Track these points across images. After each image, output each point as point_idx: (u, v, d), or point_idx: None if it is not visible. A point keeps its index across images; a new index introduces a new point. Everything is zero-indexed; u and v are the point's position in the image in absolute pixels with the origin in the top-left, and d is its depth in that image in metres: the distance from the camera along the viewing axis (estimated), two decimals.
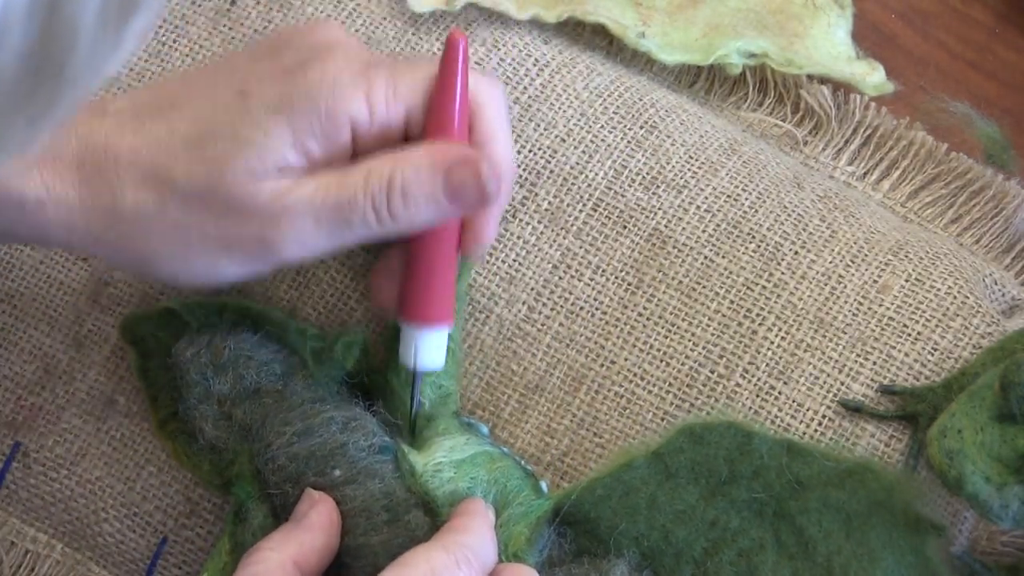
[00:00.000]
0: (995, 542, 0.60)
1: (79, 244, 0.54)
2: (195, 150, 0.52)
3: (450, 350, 0.57)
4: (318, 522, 0.53)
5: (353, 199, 0.53)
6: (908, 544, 0.55)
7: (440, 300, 0.56)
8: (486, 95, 0.56)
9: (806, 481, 0.56)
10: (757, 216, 0.63)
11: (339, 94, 0.53)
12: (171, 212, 0.52)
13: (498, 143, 0.56)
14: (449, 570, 0.50)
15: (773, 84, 0.69)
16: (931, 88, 0.71)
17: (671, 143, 0.64)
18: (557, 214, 0.63)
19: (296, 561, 0.52)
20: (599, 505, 0.56)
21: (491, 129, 0.56)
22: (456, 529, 0.53)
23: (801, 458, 0.56)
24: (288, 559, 0.51)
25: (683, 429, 0.57)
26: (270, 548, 0.52)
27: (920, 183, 0.68)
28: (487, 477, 0.55)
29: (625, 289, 0.62)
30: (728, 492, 0.56)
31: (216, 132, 0.52)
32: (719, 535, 0.55)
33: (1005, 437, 0.53)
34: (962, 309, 0.61)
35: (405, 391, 0.57)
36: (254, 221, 0.52)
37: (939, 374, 0.60)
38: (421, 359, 0.56)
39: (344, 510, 0.54)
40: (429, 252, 0.56)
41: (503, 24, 0.66)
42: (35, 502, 0.61)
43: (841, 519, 0.55)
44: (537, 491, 0.57)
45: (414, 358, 0.56)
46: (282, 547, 0.52)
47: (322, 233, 0.53)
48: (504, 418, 0.60)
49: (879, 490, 0.56)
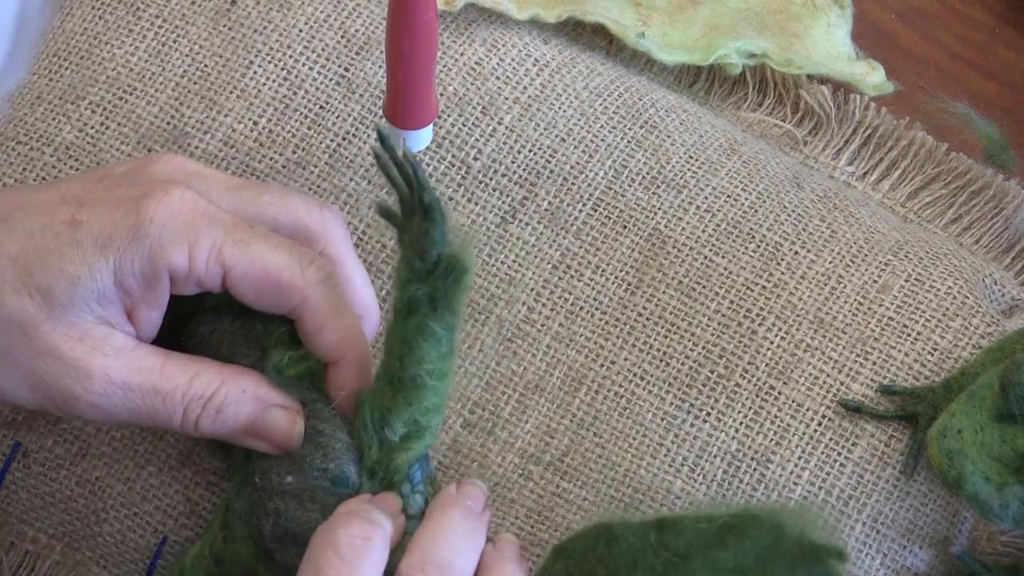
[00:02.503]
0: (995, 542, 0.60)
1: None
2: (23, 275, 0.52)
3: (435, 389, 0.54)
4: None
5: (168, 396, 0.53)
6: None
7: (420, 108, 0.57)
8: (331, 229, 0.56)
9: (685, 551, 0.53)
10: (757, 216, 0.63)
11: (164, 240, 0.52)
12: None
13: (355, 280, 0.56)
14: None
15: (773, 84, 0.69)
16: (931, 88, 0.71)
17: (671, 143, 0.64)
18: (557, 214, 0.63)
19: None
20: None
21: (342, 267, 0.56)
22: (420, 540, 0.52)
23: (673, 530, 0.54)
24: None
25: (554, 550, 0.56)
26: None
27: (920, 183, 0.68)
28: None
29: (625, 289, 0.62)
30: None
31: (44, 261, 0.52)
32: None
33: (1005, 437, 0.53)
34: (962, 309, 0.61)
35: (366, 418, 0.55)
36: (68, 373, 0.52)
37: (939, 374, 0.60)
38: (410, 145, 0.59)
39: (283, 524, 0.53)
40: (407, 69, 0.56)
41: (503, 24, 0.66)
42: (35, 502, 0.61)
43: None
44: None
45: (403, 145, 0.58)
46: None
47: (124, 409, 0.53)
48: (504, 418, 0.60)
49: (765, 535, 0.53)
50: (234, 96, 0.64)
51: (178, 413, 0.53)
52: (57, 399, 0.53)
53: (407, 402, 0.53)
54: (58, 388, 0.53)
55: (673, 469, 0.59)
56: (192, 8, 0.66)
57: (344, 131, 0.64)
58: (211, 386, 0.54)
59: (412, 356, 0.52)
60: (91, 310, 0.53)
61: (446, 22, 0.65)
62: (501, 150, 0.64)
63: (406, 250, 0.52)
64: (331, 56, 0.65)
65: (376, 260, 0.62)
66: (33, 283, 0.52)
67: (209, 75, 0.65)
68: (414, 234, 0.52)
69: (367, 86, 0.64)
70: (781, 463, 0.59)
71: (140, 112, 0.64)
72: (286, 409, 0.54)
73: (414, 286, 0.52)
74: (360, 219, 0.63)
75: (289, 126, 0.64)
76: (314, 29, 0.65)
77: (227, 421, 0.54)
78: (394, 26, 0.54)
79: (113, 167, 0.56)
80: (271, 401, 0.54)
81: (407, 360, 0.52)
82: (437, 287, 0.52)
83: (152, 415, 0.54)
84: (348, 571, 0.49)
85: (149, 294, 0.53)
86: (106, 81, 0.64)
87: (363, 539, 0.50)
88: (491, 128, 0.64)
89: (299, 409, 0.54)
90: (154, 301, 0.54)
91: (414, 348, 0.52)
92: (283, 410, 0.54)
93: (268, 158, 0.63)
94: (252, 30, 0.65)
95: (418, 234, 0.51)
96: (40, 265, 0.52)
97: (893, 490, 0.59)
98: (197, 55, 0.65)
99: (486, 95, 0.64)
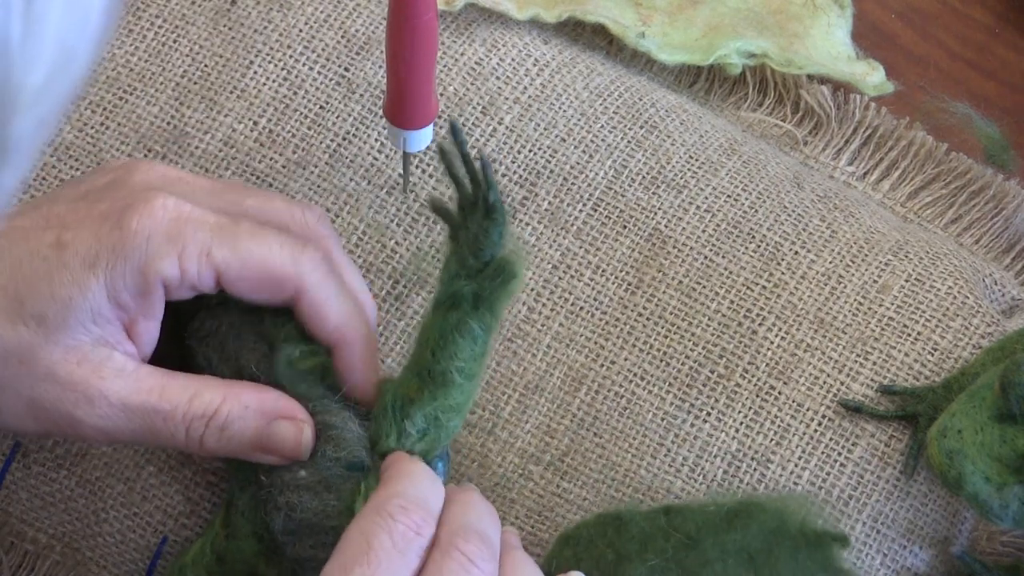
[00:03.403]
0: (995, 542, 0.60)
1: None
2: (15, 304, 0.52)
3: (462, 388, 0.54)
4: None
5: (169, 415, 0.53)
6: (816, 562, 0.54)
7: (420, 108, 0.58)
8: (316, 230, 0.56)
9: (696, 535, 0.54)
10: (757, 216, 0.63)
11: (152, 252, 0.52)
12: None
13: (346, 277, 0.56)
14: (384, 528, 0.48)
15: (773, 84, 0.69)
16: (931, 88, 0.71)
17: (671, 143, 0.64)
18: (557, 214, 0.63)
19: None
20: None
21: (333, 265, 0.56)
22: (383, 485, 0.51)
23: (681, 515, 0.55)
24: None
25: (560, 539, 0.56)
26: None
27: (920, 183, 0.68)
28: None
29: (625, 289, 0.62)
30: (622, 569, 0.54)
31: (35, 288, 0.52)
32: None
33: (1005, 437, 0.53)
34: (962, 309, 0.61)
35: (385, 411, 0.55)
36: (68, 397, 0.52)
37: (939, 374, 0.60)
38: (409, 146, 0.59)
39: (297, 517, 0.53)
40: (408, 69, 0.56)
41: (503, 24, 0.66)
42: (35, 502, 0.61)
43: (743, 560, 0.54)
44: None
45: (403, 145, 0.59)
46: None
47: (127, 430, 0.53)
48: (504, 418, 0.60)
49: (770, 520, 0.54)
50: (234, 96, 0.64)
51: (180, 432, 0.53)
52: (60, 424, 0.53)
53: (432, 396, 0.53)
54: (60, 413, 0.53)
55: (673, 469, 0.59)
56: (192, 8, 0.66)
57: (344, 131, 0.64)
58: (212, 404, 0.53)
59: (446, 351, 0.53)
60: (88, 331, 0.52)
61: (446, 22, 0.65)
62: (501, 150, 0.64)
63: (459, 246, 0.53)
64: (331, 56, 0.65)
65: (376, 260, 0.62)
66: (26, 311, 0.52)
67: (209, 75, 0.65)
68: (472, 231, 0.52)
69: (367, 86, 0.64)
70: (781, 463, 0.59)
71: (140, 112, 0.64)
72: (292, 420, 0.53)
73: (462, 282, 0.53)
74: (360, 219, 0.63)
75: (289, 126, 0.64)
76: (314, 29, 0.65)
77: (233, 438, 0.53)
78: (394, 26, 0.54)
79: (94, 178, 0.56)
80: (276, 414, 0.53)
81: (440, 354, 0.53)
82: (484, 287, 0.53)
83: (156, 435, 0.53)
84: (397, 558, 0.48)
85: (145, 306, 0.53)
86: (106, 81, 0.64)
87: (415, 534, 0.49)
88: (491, 128, 0.64)
89: (305, 417, 0.54)
90: (150, 312, 0.54)
91: (449, 343, 0.53)
92: (289, 422, 0.53)
93: (268, 158, 0.63)
94: (252, 30, 0.65)
95: (477, 232, 0.52)
96: (31, 292, 0.52)
97: (893, 490, 0.59)
98: (197, 55, 0.65)
99: (486, 95, 0.64)
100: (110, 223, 0.53)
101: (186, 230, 0.53)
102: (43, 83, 0.32)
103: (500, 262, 0.53)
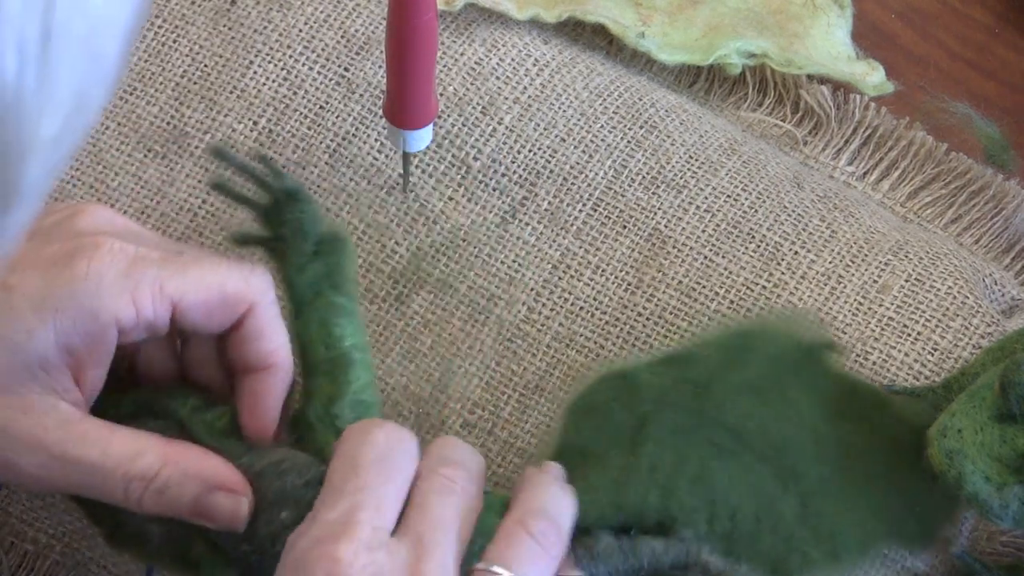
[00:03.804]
0: (995, 542, 0.60)
1: None
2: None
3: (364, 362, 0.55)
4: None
5: (109, 474, 0.52)
6: (816, 373, 0.57)
7: (420, 108, 0.58)
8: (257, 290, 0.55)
9: (707, 382, 0.55)
10: (757, 216, 0.63)
11: (104, 294, 0.51)
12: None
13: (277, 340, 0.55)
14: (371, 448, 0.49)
15: (773, 84, 0.69)
16: (931, 88, 0.71)
17: (671, 143, 0.64)
18: (557, 214, 0.63)
19: None
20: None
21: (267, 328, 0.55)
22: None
23: (686, 364, 0.56)
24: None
25: (569, 411, 0.57)
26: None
27: (920, 183, 0.68)
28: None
29: (625, 289, 0.62)
30: (646, 432, 0.54)
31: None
32: (667, 474, 0.53)
33: (1005, 437, 0.53)
34: (962, 309, 0.61)
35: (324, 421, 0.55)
36: (10, 446, 0.51)
37: (939, 374, 0.60)
38: (409, 146, 0.60)
39: (276, 526, 0.52)
40: (407, 69, 0.56)
41: (503, 24, 0.66)
42: (35, 502, 0.61)
43: (753, 396, 0.55)
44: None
45: (403, 144, 0.60)
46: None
47: (66, 483, 0.52)
48: (504, 418, 0.60)
49: (768, 345, 0.57)
50: (234, 96, 0.64)
51: (119, 491, 0.52)
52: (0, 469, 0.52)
53: (347, 382, 0.54)
54: (1, 459, 0.51)
55: None
56: (192, 8, 0.66)
57: (344, 131, 0.64)
58: (152, 468, 0.52)
59: (333, 336, 0.54)
60: (35, 377, 0.51)
61: (446, 22, 0.65)
62: (501, 150, 0.64)
63: (288, 243, 0.55)
64: (331, 56, 0.65)
65: (376, 260, 0.62)
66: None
67: (209, 75, 0.65)
68: (291, 222, 0.55)
69: (367, 86, 0.64)
70: None
71: (140, 112, 0.64)
72: (229, 492, 0.52)
73: (309, 269, 0.55)
74: (360, 219, 0.63)
75: (289, 126, 0.64)
76: (314, 29, 0.65)
77: (171, 502, 0.52)
78: (394, 26, 0.54)
79: (39, 219, 0.54)
80: (214, 483, 0.52)
81: (331, 342, 0.54)
82: (330, 262, 0.55)
83: (94, 490, 0.52)
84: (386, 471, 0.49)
85: (96, 351, 0.52)
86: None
87: (398, 442, 0.50)
88: (491, 128, 0.64)
89: (243, 489, 0.52)
90: (100, 359, 0.52)
91: (332, 328, 0.54)
92: (226, 494, 0.52)
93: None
94: (252, 30, 0.65)
95: (296, 218, 0.55)
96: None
97: None
98: (197, 55, 0.65)
99: (486, 95, 0.64)
100: (59, 266, 0.51)
101: (136, 270, 0.52)
102: (57, 132, 0.31)
103: (328, 234, 0.55)
